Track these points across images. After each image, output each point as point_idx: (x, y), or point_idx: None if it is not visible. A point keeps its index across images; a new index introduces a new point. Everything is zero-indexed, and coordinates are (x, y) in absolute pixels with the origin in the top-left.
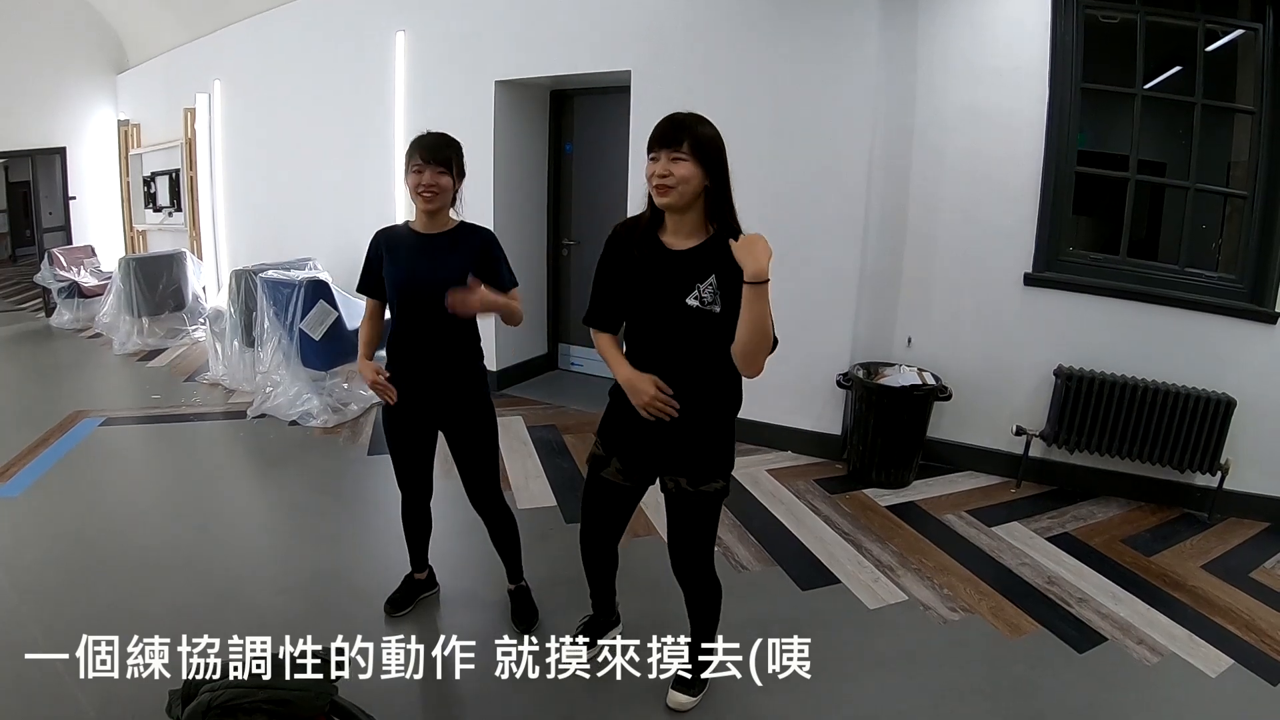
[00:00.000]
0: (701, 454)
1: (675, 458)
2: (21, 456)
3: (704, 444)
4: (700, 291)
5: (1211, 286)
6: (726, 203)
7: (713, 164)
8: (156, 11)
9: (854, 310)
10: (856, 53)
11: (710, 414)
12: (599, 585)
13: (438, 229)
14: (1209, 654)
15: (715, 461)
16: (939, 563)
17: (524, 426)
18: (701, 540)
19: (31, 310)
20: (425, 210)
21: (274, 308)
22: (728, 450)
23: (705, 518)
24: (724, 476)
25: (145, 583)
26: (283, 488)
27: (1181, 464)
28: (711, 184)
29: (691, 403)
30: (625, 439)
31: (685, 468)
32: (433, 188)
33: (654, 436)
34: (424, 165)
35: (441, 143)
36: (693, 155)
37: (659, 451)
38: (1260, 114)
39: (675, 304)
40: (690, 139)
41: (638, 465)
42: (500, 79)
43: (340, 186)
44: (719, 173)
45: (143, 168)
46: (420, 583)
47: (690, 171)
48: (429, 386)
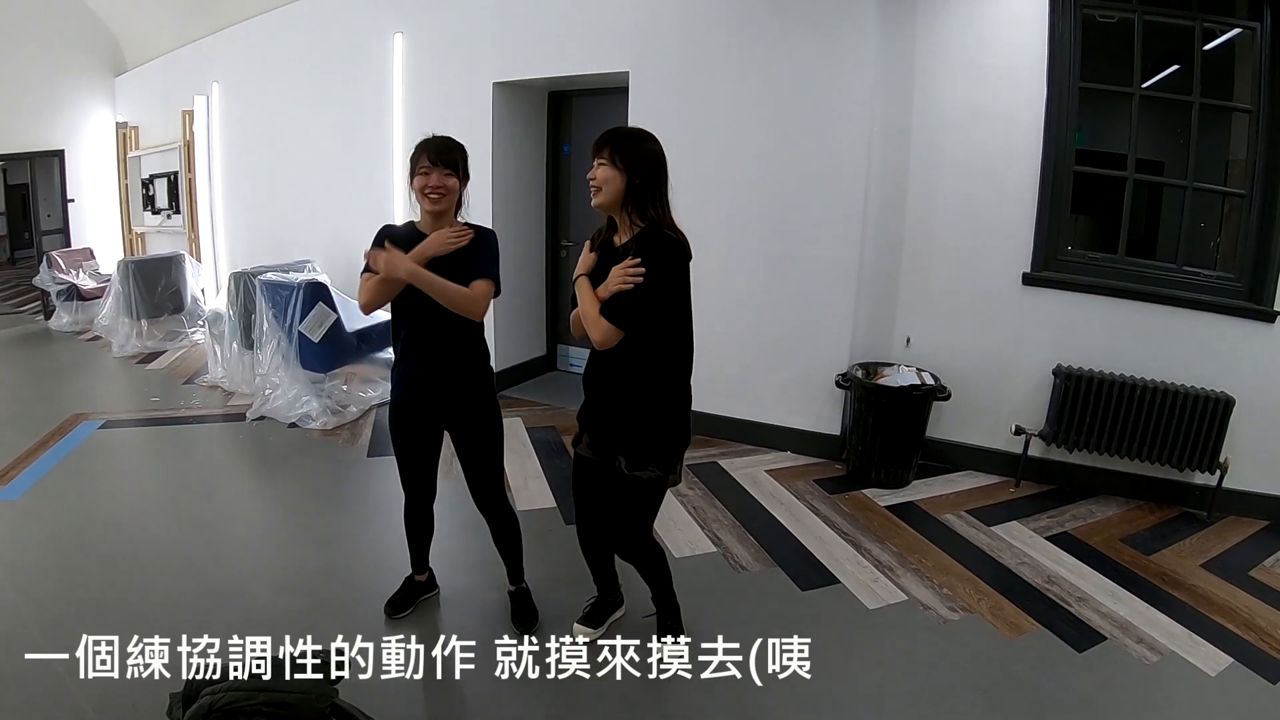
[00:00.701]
0: (637, 437)
1: (618, 436)
2: (21, 459)
3: (640, 427)
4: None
5: (1210, 285)
6: (652, 205)
7: (634, 168)
8: (154, 14)
9: (852, 310)
10: (854, 52)
11: (643, 394)
12: (599, 567)
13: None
14: (1209, 653)
15: (650, 448)
16: (938, 562)
17: (523, 427)
18: (632, 520)
19: (30, 313)
20: (431, 211)
21: (273, 310)
22: (667, 441)
23: (637, 502)
24: (661, 467)
25: (145, 584)
26: (282, 490)
27: (1180, 463)
28: (633, 186)
29: (614, 387)
30: (587, 416)
31: (624, 447)
32: (440, 189)
33: (602, 413)
34: (431, 167)
35: (449, 145)
36: (611, 160)
37: (607, 428)
38: (1258, 112)
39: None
40: (611, 145)
41: (599, 441)
42: (498, 80)
43: (339, 188)
44: (642, 176)
45: (141, 170)
46: (420, 584)
47: (609, 174)
48: (436, 387)
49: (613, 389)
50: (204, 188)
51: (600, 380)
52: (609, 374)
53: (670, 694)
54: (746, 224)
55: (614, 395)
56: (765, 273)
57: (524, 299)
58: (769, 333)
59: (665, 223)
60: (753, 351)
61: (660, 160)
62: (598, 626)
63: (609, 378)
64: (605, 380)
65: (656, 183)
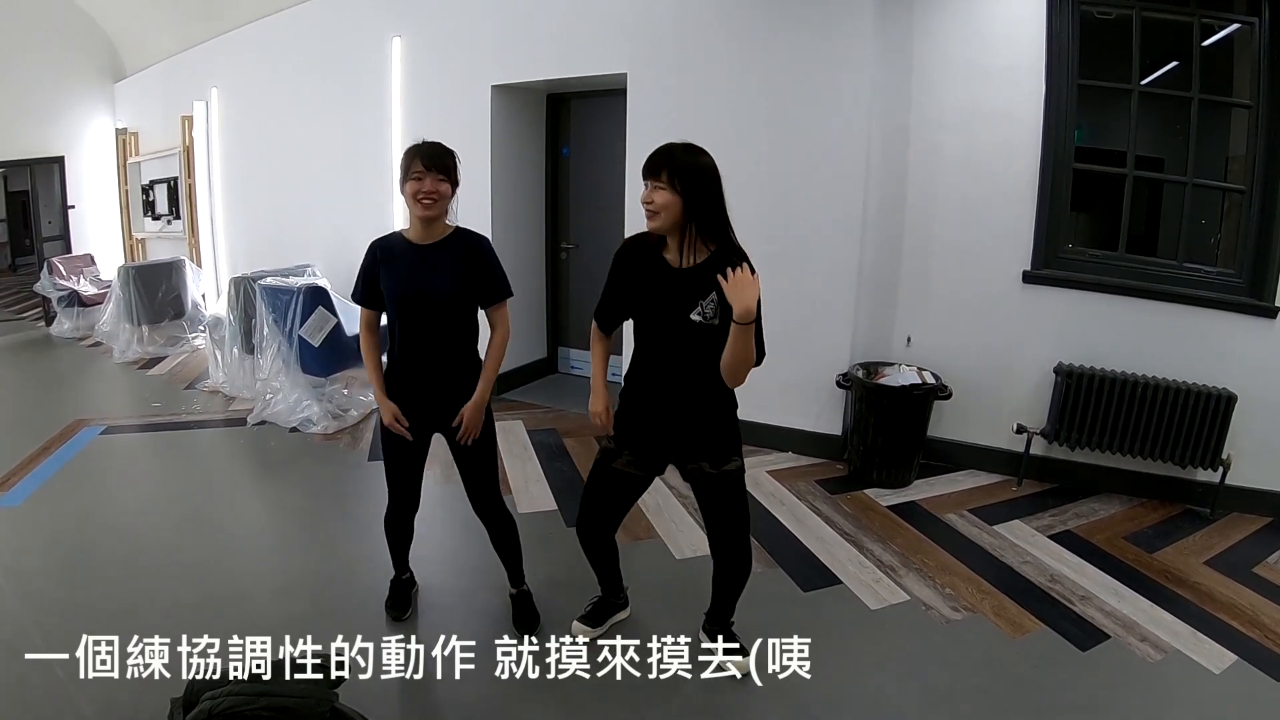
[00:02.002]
0: (714, 439)
1: (690, 446)
2: (23, 465)
3: (714, 430)
4: (703, 308)
5: (1210, 281)
6: (718, 224)
7: (692, 190)
8: (153, 19)
9: (853, 310)
10: (852, 52)
11: (715, 402)
12: (604, 570)
13: (433, 239)
14: (1212, 650)
15: (727, 443)
16: (941, 562)
17: (524, 430)
18: (739, 516)
19: (32, 319)
20: (423, 217)
21: (273, 314)
22: (736, 433)
23: (736, 495)
24: (738, 454)
25: (147, 589)
26: (283, 494)
27: (1183, 460)
28: (694, 208)
29: (694, 400)
30: (638, 432)
31: (703, 453)
32: (433, 194)
33: (667, 429)
34: (425, 172)
35: (441, 150)
36: (669, 184)
37: (672, 443)
38: (1257, 108)
39: (680, 318)
40: (669, 168)
41: (649, 456)
42: (496, 83)
43: (338, 192)
44: (702, 198)
45: (141, 176)
46: (406, 582)
47: (668, 199)
48: (430, 394)
49: (687, 405)
50: (204, 193)
51: (671, 399)
52: (685, 392)
53: (671, 694)
54: (746, 225)
55: (688, 410)
56: (765, 273)
57: (524, 302)
58: (769, 333)
59: (732, 235)
60: None
61: (718, 175)
62: (597, 626)
63: (684, 395)
64: (679, 398)
65: (718, 200)
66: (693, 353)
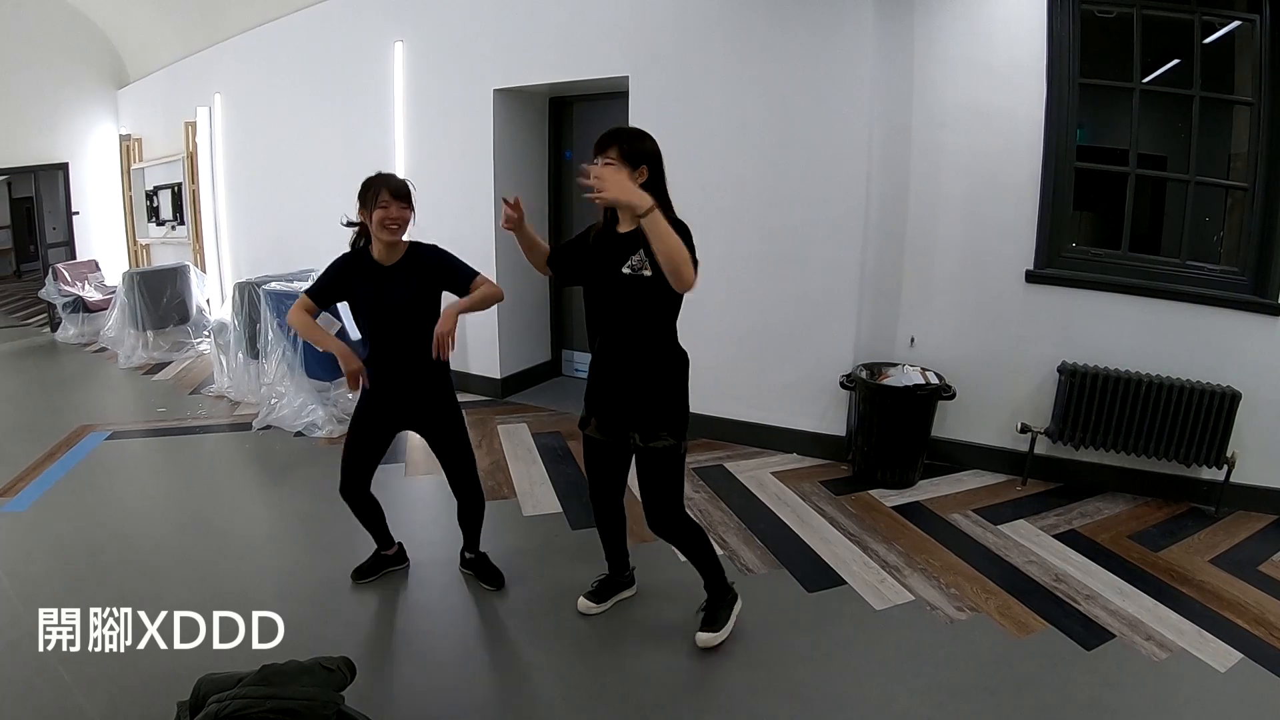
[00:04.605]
0: (647, 411)
1: (629, 414)
2: (29, 471)
3: (649, 402)
4: (631, 261)
5: (1214, 280)
6: (657, 196)
7: (637, 163)
8: (155, 26)
9: (855, 311)
10: (852, 52)
11: (652, 370)
12: (610, 543)
13: (394, 258)
14: (1218, 649)
15: (660, 419)
16: (945, 562)
17: (529, 433)
18: (662, 493)
19: (37, 325)
20: (389, 241)
21: (277, 319)
22: (675, 410)
23: (660, 472)
24: (673, 435)
25: (152, 593)
26: (289, 498)
27: (1187, 458)
28: (641, 181)
29: (632, 366)
30: (595, 399)
31: (636, 423)
32: (398, 220)
33: (611, 395)
34: (391, 201)
35: (403, 181)
36: (619, 158)
37: (616, 408)
38: (1259, 105)
39: (613, 271)
40: (617, 146)
41: (608, 422)
42: (499, 87)
43: (341, 197)
44: (647, 169)
45: (145, 182)
46: (389, 558)
47: (616, 171)
48: (403, 394)
49: (626, 368)
50: (208, 198)
51: (613, 362)
52: (624, 354)
53: (676, 695)
54: (747, 226)
55: (626, 374)
56: (767, 274)
57: (528, 305)
58: (772, 334)
59: (670, 211)
60: (756, 353)
61: (660, 155)
62: (602, 602)
63: (624, 358)
64: (619, 361)
65: (660, 176)
66: (627, 307)
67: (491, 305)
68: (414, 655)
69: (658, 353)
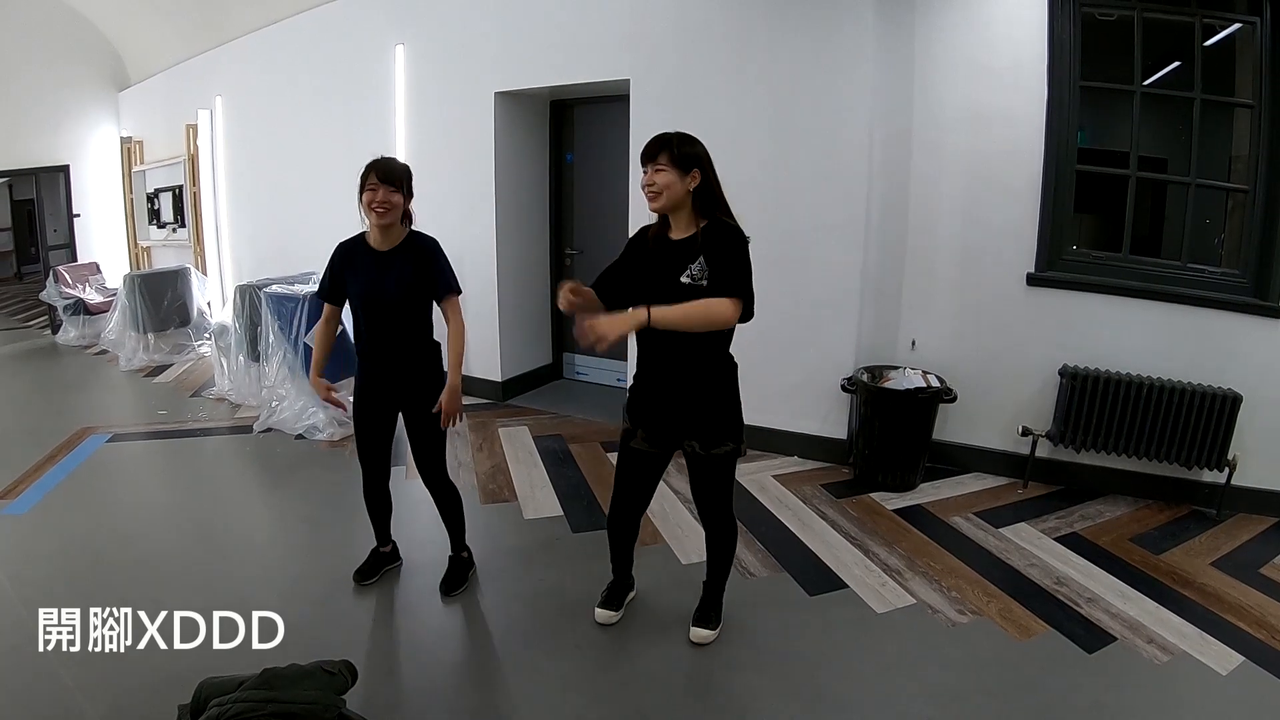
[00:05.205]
0: (710, 420)
1: (688, 424)
2: (29, 473)
3: (711, 411)
4: (691, 270)
5: (1215, 282)
6: (712, 199)
7: (689, 167)
8: (157, 28)
9: (857, 314)
10: (853, 55)
11: (709, 377)
12: (620, 552)
13: (390, 244)
14: (1220, 652)
15: (723, 427)
16: (947, 565)
17: (530, 436)
18: (718, 493)
19: (38, 328)
20: (379, 225)
21: (278, 322)
22: (734, 416)
23: (719, 476)
24: (733, 439)
25: (153, 597)
26: (290, 501)
27: (1189, 461)
28: (694, 186)
29: (690, 375)
30: (646, 411)
31: (697, 433)
32: (385, 204)
33: (668, 405)
34: (379, 183)
35: (393, 165)
36: (671, 165)
37: (674, 419)
38: (1260, 107)
39: (672, 281)
40: (667, 152)
41: (659, 433)
42: (500, 90)
43: (342, 199)
44: (698, 175)
45: (146, 184)
46: (385, 555)
47: (669, 179)
48: (391, 376)
49: (685, 378)
50: (209, 201)
51: (670, 372)
52: (683, 364)
53: (677, 697)
54: (748, 228)
55: (685, 384)
56: (768, 277)
57: (529, 308)
58: (773, 337)
59: (726, 213)
60: (757, 356)
61: (710, 158)
62: (618, 609)
63: (682, 368)
64: (677, 371)
65: (713, 179)
66: None
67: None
68: (415, 657)
69: (716, 361)
